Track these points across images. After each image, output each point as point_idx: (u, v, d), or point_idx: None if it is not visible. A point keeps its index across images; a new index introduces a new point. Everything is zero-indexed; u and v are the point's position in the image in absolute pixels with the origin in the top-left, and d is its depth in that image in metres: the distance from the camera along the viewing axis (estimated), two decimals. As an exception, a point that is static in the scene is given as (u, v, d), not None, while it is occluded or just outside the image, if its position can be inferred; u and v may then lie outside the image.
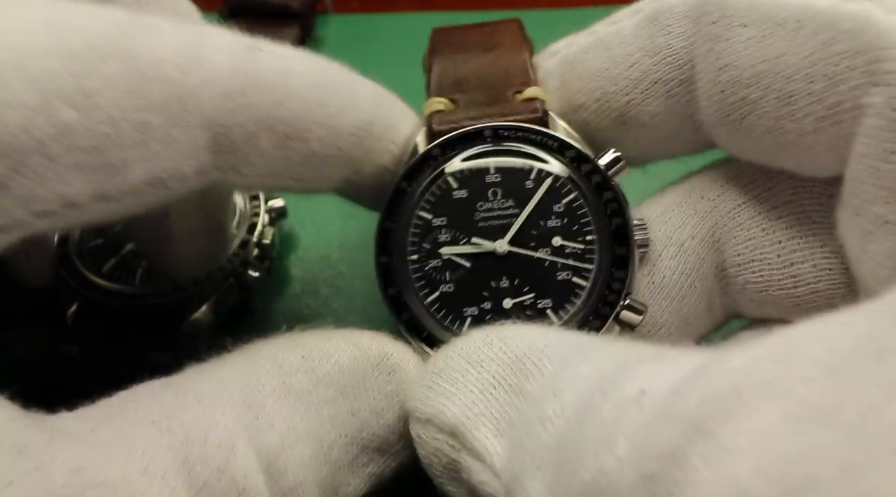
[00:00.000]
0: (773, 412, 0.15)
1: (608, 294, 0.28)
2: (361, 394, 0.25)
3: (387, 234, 0.29)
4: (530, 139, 0.29)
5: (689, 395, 0.17)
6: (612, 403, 0.19)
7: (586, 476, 0.18)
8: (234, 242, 0.40)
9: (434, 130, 0.30)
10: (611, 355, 0.21)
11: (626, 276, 0.28)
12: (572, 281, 0.29)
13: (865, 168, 0.23)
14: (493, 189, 0.29)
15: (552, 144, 0.29)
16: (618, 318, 0.28)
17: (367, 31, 0.56)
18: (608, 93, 0.30)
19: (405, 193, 0.29)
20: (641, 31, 0.29)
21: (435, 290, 0.29)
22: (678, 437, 0.16)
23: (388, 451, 0.26)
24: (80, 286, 0.38)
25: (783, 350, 0.17)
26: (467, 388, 0.24)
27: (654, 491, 0.16)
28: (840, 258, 0.27)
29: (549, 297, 0.29)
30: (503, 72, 0.32)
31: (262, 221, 0.41)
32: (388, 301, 0.29)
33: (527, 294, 0.29)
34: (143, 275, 0.39)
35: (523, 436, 0.21)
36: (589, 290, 0.28)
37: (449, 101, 0.31)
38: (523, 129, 0.29)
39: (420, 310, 0.29)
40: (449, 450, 0.24)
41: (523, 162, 0.30)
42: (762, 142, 0.27)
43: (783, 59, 0.25)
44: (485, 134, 0.30)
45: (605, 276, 0.28)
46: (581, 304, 0.28)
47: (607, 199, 0.29)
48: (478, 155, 0.30)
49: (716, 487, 0.15)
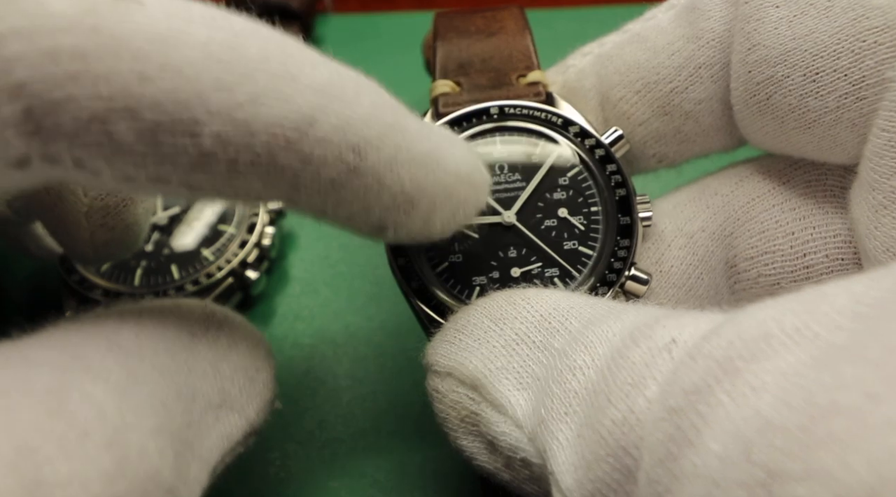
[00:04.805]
0: (799, 354, 0.16)
1: (614, 262, 0.29)
2: (194, 349, 0.24)
3: None
4: (535, 117, 0.30)
5: (719, 338, 0.17)
6: (643, 350, 0.20)
7: (616, 414, 0.19)
8: (234, 242, 0.40)
9: (441, 112, 0.31)
10: (642, 313, 0.22)
11: (631, 244, 0.29)
12: (579, 250, 0.29)
13: (885, 141, 0.24)
14: (500, 163, 0.30)
15: (556, 121, 0.30)
16: (623, 287, 0.29)
17: (367, 30, 0.56)
18: (650, 83, 0.30)
19: None
20: (681, 20, 0.29)
21: (444, 260, 0.29)
22: (705, 375, 0.17)
23: (233, 406, 0.25)
24: (79, 286, 0.38)
25: (813, 300, 0.17)
26: (490, 343, 0.24)
27: (679, 423, 0.17)
28: (852, 248, 0.28)
29: (556, 266, 0.29)
30: (507, 56, 0.32)
31: (262, 221, 0.41)
32: (398, 270, 0.29)
33: (534, 263, 0.29)
34: (143, 275, 0.39)
35: (552, 384, 0.22)
36: (595, 258, 0.29)
37: (454, 83, 0.32)
38: (528, 107, 0.30)
39: (430, 278, 0.29)
40: (469, 402, 0.24)
41: (528, 138, 0.30)
42: (786, 123, 0.27)
43: (812, 36, 0.25)
44: (491, 111, 0.30)
45: (610, 245, 0.29)
46: (588, 273, 0.29)
47: (611, 172, 0.30)
48: (485, 132, 0.30)
49: (738, 418, 0.16)
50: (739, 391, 0.16)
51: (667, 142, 0.31)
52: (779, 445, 0.15)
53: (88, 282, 0.38)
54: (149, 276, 0.39)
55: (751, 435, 0.15)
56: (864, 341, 0.15)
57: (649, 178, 0.33)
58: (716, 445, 0.16)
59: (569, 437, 0.20)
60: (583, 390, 0.21)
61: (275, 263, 0.42)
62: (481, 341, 0.24)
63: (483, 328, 0.25)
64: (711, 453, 0.16)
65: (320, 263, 0.43)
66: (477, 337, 0.24)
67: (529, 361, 0.23)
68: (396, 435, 0.36)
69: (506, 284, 0.29)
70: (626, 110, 0.31)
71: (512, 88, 0.31)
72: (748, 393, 0.16)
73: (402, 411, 0.37)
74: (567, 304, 0.24)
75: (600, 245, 0.29)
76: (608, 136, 0.30)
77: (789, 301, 0.18)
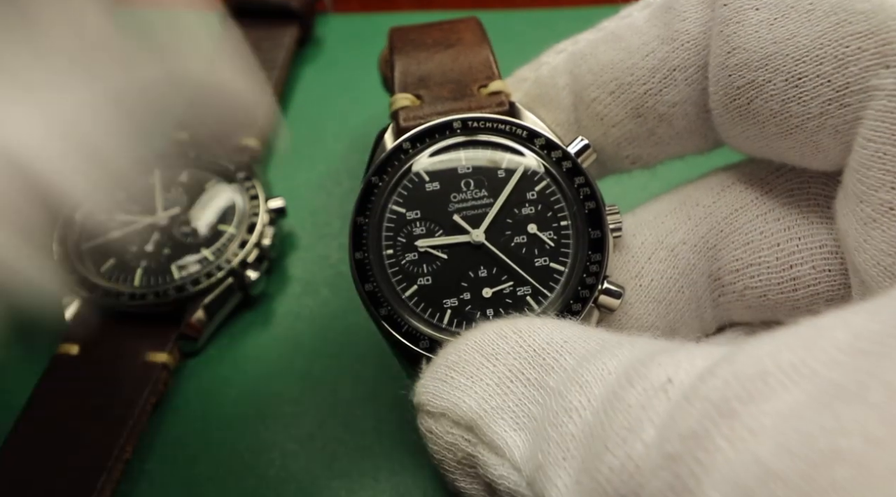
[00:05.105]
0: (798, 394, 0.16)
1: (586, 277, 0.28)
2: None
3: (360, 230, 0.29)
4: (499, 130, 0.30)
5: (715, 379, 0.17)
6: (638, 391, 0.19)
7: (614, 462, 0.18)
8: (234, 242, 0.40)
9: (402, 126, 0.30)
10: (637, 349, 0.21)
11: (603, 258, 0.28)
12: (550, 266, 0.29)
13: (872, 153, 0.23)
14: (466, 180, 0.30)
15: (521, 134, 0.30)
16: (597, 302, 0.28)
17: (367, 30, 0.56)
18: (623, 84, 0.29)
19: (377, 189, 0.29)
20: (656, 20, 0.29)
21: (413, 284, 0.29)
22: (702, 418, 0.16)
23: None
24: (79, 286, 0.38)
25: (810, 335, 0.17)
26: (483, 381, 0.23)
27: (678, 471, 0.16)
28: (839, 258, 0.27)
29: (528, 283, 0.29)
30: (467, 67, 0.32)
31: (262, 221, 0.41)
32: (366, 297, 0.29)
33: (505, 282, 0.29)
34: (143, 275, 0.39)
35: (548, 427, 0.21)
36: (567, 274, 0.29)
37: (414, 97, 0.31)
38: (492, 120, 0.30)
39: (399, 304, 0.28)
40: (465, 444, 0.23)
41: (494, 152, 0.30)
42: (767, 128, 0.26)
43: (794, 40, 0.24)
44: (454, 126, 0.30)
45: (582, 260, 0.29)
46: (560, 289, 0.29)
47: (579, 185, 0.29)
48: (448, 147, 0.30)
49: (738, 466, 0.15)
50: (738, 435, 0.16)
51: (641, 144, 0.30)
52: (780, 495, 0.14)
53: (89, 282, 0.38)
54: (149, 276, 0.39)
55: (751, 484, 0.15)
56: (864, 380, 0.15)
57: (623, 177, 0.33)
58: (716, 495, 0.15)
59: (567, 483, 0.20)
60: (580, 434, 0.20)
61: (275, 263, 0.42)
62: (474, 379, 0.23)
63: (475, 365, 0.24)
64: None
65: (320, 263, 0.43)
66: (469, 374, 0.24)
67: (525, 400, 0.23)
68: (396, 435, 0.36)
69: (477, 305, 0.28)
70: (600, 111, 0.30)
71: (473, 99, 0.31)
72: (747, 437, 0.16)
73: (403, 411, 0.37)
74: (561, 338, 0.23)
75: (572, 260, 0.29)
76: (574, 147, 0.29)
77: (785, 336, 0.17)
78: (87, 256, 0.39)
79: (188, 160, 0.43)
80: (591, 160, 0.30)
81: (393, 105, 0.31)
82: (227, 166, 0.42)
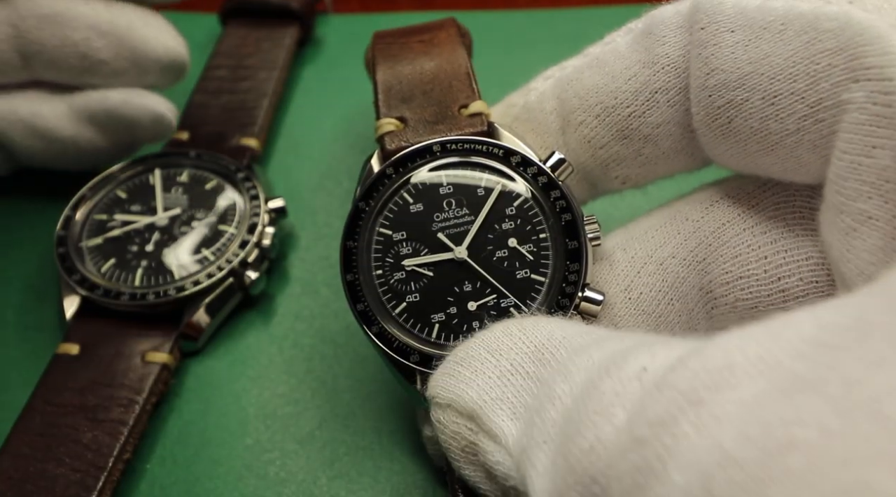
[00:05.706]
0: (762, 384, 0.16)
1: (566, 286, 0.30)
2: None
3: (350, 253, 0.30)
4: (477, 150, 0.31)
5: (685, 368, 0.18)
6: (614, 379, 0.20)
7: (584, 444, 0.19)
8: (234, 242, 0.40)
9: (387, 150, 0.32)
10: (625, 342, 0.22)
11: (581, 267, 0.30)
12: (531, 278, 0.30)
13: (847, 164, 0.23)
14: (448, 200, 0.31)
15: (498, 152, 0.31)
16: (578, 309, 0.30)
17: (367, 31, 0.55)
18: (608, 107, 0.30)
19: (364, 213, 0.31)
20: (637, 45, 0.30)
21: (402, 301, 0.30)
22: (670, 406, 0.17)
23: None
24: (80, 286, 0.38)
25: (778, 328, 0.18)
26: (485, 375, 0.25)
27: (644, 454, 0.17)
28: (825, 269, 0.28)
29: (511, 296, 0.30)
30: (447, 86, 0.33)
31: (262, 221, 0.41)
32: (358, 316, 0.30)
33: (489, 295, 0.30)
34: (143, 275, 0.39)
35: (534, 415, 0.22)
36: (548, 284, 0.30)
37: (398, 120, 0.33)
38: (469, 141, 0.31)
39: (389, 321, 0.30)
40: (467, 433, 0.25)
41: (473, 172, 0.31)
42: (749, 146, 0.27)
43: (768, 60, 0.25)
44: (434, 149, 0.31)
45: (561, 270, 0.30)
46: (542, 299, 0.30)
47: (555, 198, 0.30)
48: (431, 170, 0.31)
49: (701, 451, 0.16)
50: (703, 422, 0.16)
51: (629, 164, 0.31)
52: (737, 480, 0.15)
53: (88, 281, 0.38)
54: (149, 276, 0.39)
55: (712, 468, 0.16)
56: (824, 373, 0.16)
57: (615, 197, 0.34)
58: (679, 478, 0.16)
59: (545, 464, 0.21)
60: (560, 419, 0.21)
61: (275, 263, 0.42)
62: (478, 373, 0.25)
63: (480, 359, 0.25)
64: (675, 486, 0.16)
65: (320, 263, 0.43)
66: (474, 368, 0.25)
67: (522, 392, 0.24)
68: (396, 435, 0.36)
69: (464, 319, 0.30)
70: (587, 134, 0.31)
71: (455, 121, 0.32)
72: (711, 424, 0.16)
73: (403, 411, 0.37)
74: (561, 334, 0.24)
75: (551, 271, 0.30)
76: (550, 160, 0.31)
77: (755, 329, 0.18)
78: (87, 256, 0.39)
79: (188, 160, 0.43)
80: (567, 173, 0.31)
81: (378, 130, 0.33)
82: (228, 166, 0.42)
